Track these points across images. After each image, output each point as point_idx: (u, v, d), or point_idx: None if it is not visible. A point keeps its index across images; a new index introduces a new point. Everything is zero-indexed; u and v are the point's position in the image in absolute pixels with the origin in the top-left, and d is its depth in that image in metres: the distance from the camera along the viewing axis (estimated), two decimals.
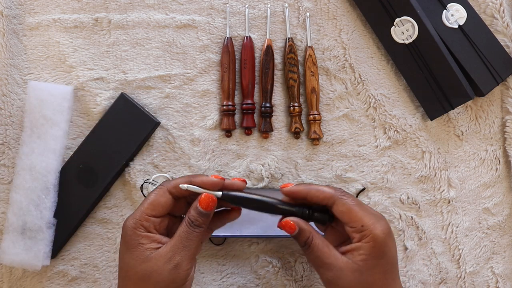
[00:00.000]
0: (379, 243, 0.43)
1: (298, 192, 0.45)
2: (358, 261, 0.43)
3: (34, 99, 0.55)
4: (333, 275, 0.43)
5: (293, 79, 0.58)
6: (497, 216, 0.60)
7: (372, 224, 0.43)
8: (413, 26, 0.57)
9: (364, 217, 0.43)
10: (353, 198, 0.45)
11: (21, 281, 0.57)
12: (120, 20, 0.59)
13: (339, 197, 0.44)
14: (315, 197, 0.45)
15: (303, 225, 0.45)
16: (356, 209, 0.44)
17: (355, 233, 0.44)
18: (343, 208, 0.44)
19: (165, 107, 0.59)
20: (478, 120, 0.61)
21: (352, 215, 0.43)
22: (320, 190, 0.45)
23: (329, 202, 0.44)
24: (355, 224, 0.43)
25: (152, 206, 0.45)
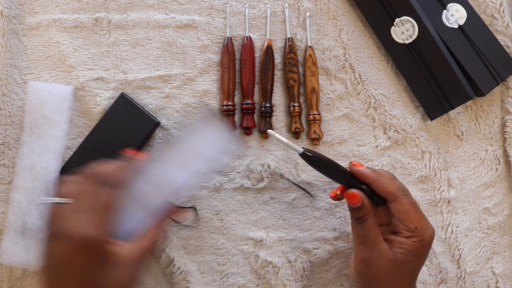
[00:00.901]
0: (423, 245, 0.47)
1: (366, 177, 0.48)
2: (398, 252, 0.47)
3: (34, 99, 0.55)
4: (370, 256, 0.47)
5: (293, 79, 0.58)
6: (497, 216, 0.60)
7: (424, 228, 0.47)
8: (413, 26, 0.57)
9: (419, 220, 0.47)
10: (411, 199, 0.48)
11: (21, 281, 0.57)
12: (120, 20, 0.59)
13: (401, 196, 0.47)
14: (379, 187, 0.47)
15: (366, 201, 0.47)
16: (413, 211, 0.47)
17: (405, 231, 0.47)
18: (403, 208, 0.47)
19: (165, 107, 0.59)
20: (478, 120, 0.61)
21: (410, 216, 0.47)
22: (386, 183, 0.47)
23: (389, 198, 0.47)
24: (410, 225, 0.47)
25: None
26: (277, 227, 0.59)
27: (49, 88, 0.56)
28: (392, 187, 0.47)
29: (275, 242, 0.58)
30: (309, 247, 0.58)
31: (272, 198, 0.59)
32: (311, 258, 0.58)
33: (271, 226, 0.59)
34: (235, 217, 0.58)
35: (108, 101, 0.58)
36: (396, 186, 0.48)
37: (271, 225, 0.59)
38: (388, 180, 0.48)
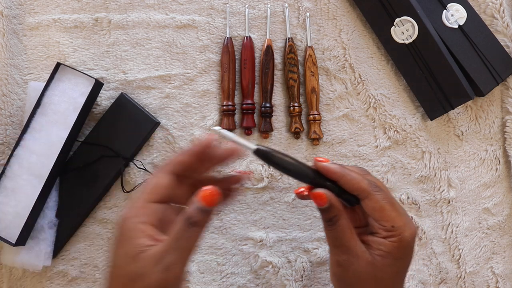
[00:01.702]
0: (403, 246, 0.42)
1: (332, 173, 0.42)
2: (376, 255, 0.42)
3: (34, 99, 0.55)
4: (346, 259, 0.43)
5: (293, 79, 0.59)
6: (497, 216, 0.60)
7: (403, 226, 0.42)
8: (413, 26, 0.57)
9: (395, 218, 0.42)
10: (386, 195, 0.43)
11: (21, 281, 0.57)
12: (120, 20, 0.59)
13: (373, 192, 0.42)
14: (347, 184, 0.42)
15: (334, 201, 0.42)
16: (388, 208, 0.42)
17: (382, 230, 0.42)
18: (376, 205, 0.42)
19: (165, 107, 0.59)
20: (478, 120, 0.61)
21: (384, 214, 0.42)
22: (355, 179, 0.42)
23: (361, 195, 0.42)
24: (386, 224, 0.42)
25: (150, 190, 0.40)
26: (277, 227, 0.59)
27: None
28: (362, 182, 0.42)
29: (275, 242, 0.58)
30: (309, 247, 0.58)
31: (272, 198, 0.59)
32: (311, 258, 0.58)
33: (271, 226, 0.59)
34: (234, 217, 0.58)
35: (108, 101, 0.58)
36: (366, 182, 0.42)
37: (271, 225, 0.59)
38: (356, 177, 0.42)
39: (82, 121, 0.57)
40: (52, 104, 0.54)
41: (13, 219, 0.52)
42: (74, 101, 0.54)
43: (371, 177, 0.45)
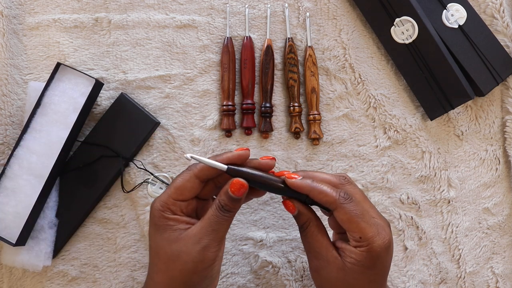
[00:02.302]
0: (373, 256, 0.43)
1: (301, 188, 0.44)
2: (347, 262, 0.43)
3: (35, 99, 0.55)
4: (318, 264, 0.45)
5: (293, 79, 0.59)
6: (497, 216, 0.60)
7: (371, 237, 0.43)
8: (413, 26, 0.57)
9: (364, 229, 0.43)
10: (356, 206, 0.43)
11: (21, 281, 0.57)
12: (120, 20, 0.59)
13: (342, 204, 0.43)
14: (317, 198, 0.44)
15: (302, 209, 0.45)
16: (357, 220, 0.43)
17: (352, 240, 0.44)
18: (344, 217, 0.43)
19: (165, 107, 0.59)
20: (478, 120, 0.61)
21: (352, 225, 0.43)
22: (323, 192, 0.44)
23: (330, 207, 0.44)
24: (354, 234, 0.43)
25: (179, 191, 0.45)
26: (277, 227, 0.59)
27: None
28: (330, 195, 0.43)
29: (275, 242, 0.58)
30: None
31: (272, 198, 0.59)
32: None
33: (271, 226, 0.59)
34: (235, 217, 0.58)
35: (108, 101, 0.58)
36: (335, 194, 0.43)
37: (271, 225, 0.59)
38: (326, 189, 0.44)
39: (82, 121, 0.57)
40: (52, 104, 0.54)
41: (13, 219, 0.53)
42: (74, 101, 0.54)
43: (349, 187, 0.46)
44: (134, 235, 0.58)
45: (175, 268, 0.43)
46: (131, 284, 0.57)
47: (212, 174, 0.45)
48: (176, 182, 0.45)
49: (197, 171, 0.45)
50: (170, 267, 0.43)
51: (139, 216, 0.57)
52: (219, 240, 0.44)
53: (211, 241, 0.43)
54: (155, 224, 0.45)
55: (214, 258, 0.44)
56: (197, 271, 0.43)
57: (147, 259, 0.57)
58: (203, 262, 0.43)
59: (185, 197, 0.45)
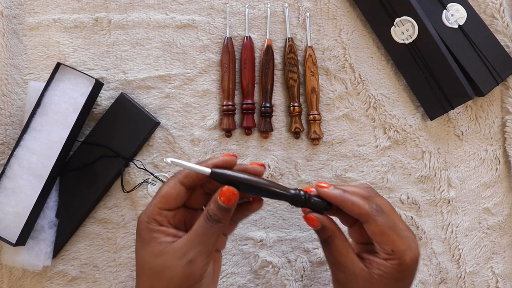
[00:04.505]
0: (403, 269, 0.42)
1: (333, 198, 0.43)
2: (375, 274, 0.42)
3: (35, 99, 0.55)
4: (344, 278, 0.43)
5: (293, 79, 0.59)
6: (497, 216, 0.60)
7: (403, 250, 0.42)
8: (413, 26, 0.57)
9: (396, 242, 0.42)
10: (388, 218, 0.42)
11: (21, 281, 0.57)
12: (120, 20, 0.59)
13: (374, 217, 0.42)
14: (348, 209, 0.43)
15: (326, 222, 0.43)
16: (389, 232, 0.42)
17: (382, 253, 0.42)
18: (376, 229, 0.42)
19: (165, 107, 0.59)
20: (478, 120, 0.61)
21: (385, 238, 0.42)
22: (356, 204, 0.42)
23: (362, 219, 0.43)
24: (386, 247, 0.42)
25: (164, 199, 0.42)
26: (277, 227, 0.59)
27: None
28: (363, 207, 0.42)
29: (275, 242, 0.58)
30: (309, 247, 0.58)
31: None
32: (311, 258, 0.58)
33: (271, 226, 0.59)
34: None
35: (108, 101, 0.58)
36: (368, 206, 0.42)
37: (271, 225, 0.59)
38: (358, 200, 0.43)
39: (82, 121, 0.57)
40: (52, 104, 0.54)
41: (13, 219, 0.53)
42: (74, 101, 0.54)
43: (378, 199, 0.44)
44: (134, 235, 0.58)
45: (160, 284, 0.40)
46: (131, 284, 0.57)
47: (198, 180, 0.42)
48: (162, 190, 0.42)
49: (181, 177, 0.42)
50: (154, 284, 0.41)
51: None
52: (207, 253, 0.41)
53: (198, 254, 0.40)
54: (140, 237, 0.42)
55: (201, 274, 0.41)
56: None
57: None
58: (189, 279, 0.40)
59: (171, 206, 0.42)
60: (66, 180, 0.57)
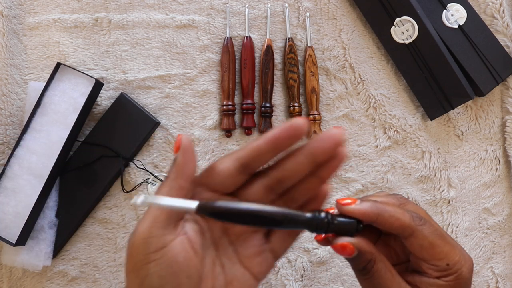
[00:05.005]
0: (461, 284, 0.35)
1: (364, 214, 0.34)
2: None
3: (35, 99, 0.55)
4: None
5: (293, 79, 0.59)
6: (497, 216, 0.60)
7: (459, 262, 0.34)
8: (413, 26, 0.57)
9: (450, 253, 0.34)
10: (434, 227, 0.35)
11: (21, 281, 0.57)
12: (120, 20, 0.59)
13: (419, 227, 0.34)
14: (386, 223, 0.34)
15: (365, 246, 0.34)
16: (439, 243, 0.34)
17: (433, 270, 0.35)
18: (424, 242, 0.34)
19: (165, 107, 0.59)
20: (478, 120, 0.61)
21: (436, 251, 0.34)
22: (395, 215, 0.34)
23: (404, 233, 0.34)
24: (439, 263, 0.34)
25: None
26: None
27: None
28: (403, 218, 0.34)
29: None
30: (309, 247, 0.58)
31: None
32: (311, 258, 0.58)
33: None
34: None
35: (108, 101, 0.58)
36: (409, 216, 0.34)
37: None
38: (396, 210, 0.34)
39: (82, 121, 0.57)
40: (52, 104, 0.54)
41: (13, 219, 0.53)
42: (74, 101, 0.54)
43: (411, 206, 0.37)
44: None
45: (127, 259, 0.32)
46: None
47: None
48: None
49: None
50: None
51: (139, 216, 0.57)
52: (155, 216, 0.32)
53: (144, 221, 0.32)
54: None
55: (158, 248, 0.31)
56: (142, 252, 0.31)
57: None
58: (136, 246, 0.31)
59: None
60: (66, 180, 0.57)
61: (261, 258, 0.35)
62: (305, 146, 0.33)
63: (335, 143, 0.32)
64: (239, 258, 0.35)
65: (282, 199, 0.35)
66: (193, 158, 0.33)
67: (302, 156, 0.33)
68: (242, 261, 0.35)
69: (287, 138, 0.33)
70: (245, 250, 0.35)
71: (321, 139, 0.32)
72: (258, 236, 0.35)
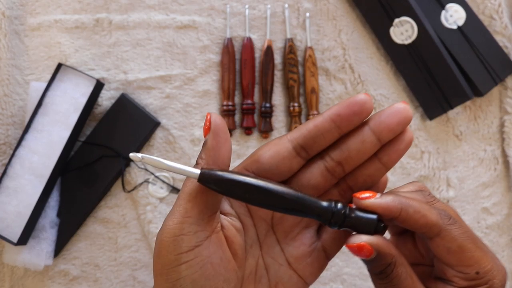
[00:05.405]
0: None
1: (387, 210, 0.29)
2: None
3: (36, 99, 0.55)
4: None
5: (293, 79, 0.59)
6: (496, 216, 0.61)
7: (491, 271, 0.29)
8: (412, 26, 0.58)
9: (481, 260, 0.29)
10: (464, 228, 0.30)
11: (23, 280, 0.57)
12: (121, 21, 0.59)
13: (447, 227, 0.29)
14: (410, 220, 0.29)
15: (385, 247, 0.29)
16: (470, 247, 0.29)
17: (460, 279, 0.29)
18: (452, 245, 0.29)
19: (165, 107, 0.59)
20: (477, 120, 0.61)
21: (465, 256, 0.29)
22: (421, 212, 0.29)
23: (429, 233, 0.29)
24: (468, 270, 0.29)
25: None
26: None
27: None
28: (430, 215, 0.29)
29: None
30: None
31: None
32: None
33: None
34: None
35: (109, 101, 0.58)
36: (436, 213, 0.29)
37: None
38: (422, 206, 0.29)
39: (83, 121, 0.57)
40: (54, 105, 0.55)
41: (14, 219, 0.53)
42: (75, 101, 0.55)
43: (439, 204, 0.31)
44: (135, 235, 0.58)
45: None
46: (132, 284, 0.58)
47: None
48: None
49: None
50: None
51: (140, 216, 0.58)
52: (193, 220, 0.28)
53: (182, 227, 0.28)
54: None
55: (171, 236, 0.28)
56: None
57: (148, 258, 0.58)
58: (165, 245, 0.28)
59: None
60: (67, 179, 0.57)
61: (311, 258, 0.31)
62: (368, 121, 0.30)
63: (403, 119, 0.29)
64: (287, 258, 0.31)
65: (338, 187, 0.31)
66: (227, 140, 0.29)
67: (366, 133, 0.30)
68: (290, 262, 0.31)
69: (350, 115, 0.29)
70: (294, 249, 0.31)
71: (386, 114, 0.29)
72: (309, 234, 0.32)
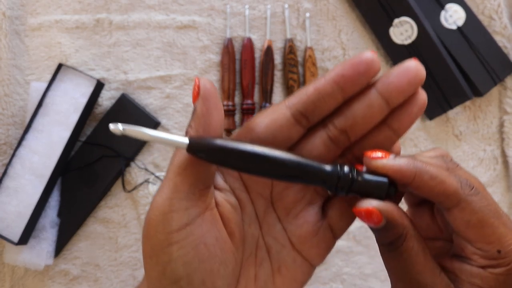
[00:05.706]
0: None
1: (400, 172, 0.25)
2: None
3: (36, 99, 0.55)
4: None
5: (293, 80, 0.59)
6: None
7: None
8: (412, 27, 0.58)
9: (504, 238, 0.26)
10: (487, 201, 0.26)
11: (23, 280, 0.57)
12: (121, 21, 0.59)
13: (468, 198, 0.25)
14: (425, 187, 0.25)
15: (396, 215, 0.25)
16: (493, 222, 0.26)
17: (480, 257, 0.26)
18: (472, 218, 0.26)
19: (165, 107, 0.59)
20: (477, 120, 0.61)
21: (486, 232, 0.26)
22: (438, 178, 0.25)
23: (446, 203, 0.26)
24: (488, 247, 0.26)
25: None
26: None
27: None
28: (449, 182, 0.25)
29: None
30: None
31: None
32: None
33: None
34: None
35: (109, 101, 0.58)
36: (456, 181, 0.25)
37: None
38: (440, 172, 0.25)
39: (83, 121, 0.57)
40: (54, 105, 0.55)
41: (15, 218, 0.53)
42: (76, 101, 0.55)
43: (462, 172, 0.27)
44: (135, 235, 0.58)
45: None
46: (132, 283, 0.58)
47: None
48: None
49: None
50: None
51: (140, 216, 0.58)
52: (183, 195, 0.25)
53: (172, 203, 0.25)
54: None
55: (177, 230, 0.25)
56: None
57: None
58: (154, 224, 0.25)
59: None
60: (68, 179, 0.57)
61: (317, 238, 0.28)
62: (375, 83, 0.27)
63: (414, 78, 0.26)
64: (290, 238, 0.28)
65: (343, 158, 0.28)
66: (218, 106, 0.26)
67: (373, 96, 0.26)
68: (293, 243, 0.28)
69: (355, 76, 0.26)
70: (297, 228, 0.28)
71: (395, 73, 0.26)
72: (313, 210, 0.28)
